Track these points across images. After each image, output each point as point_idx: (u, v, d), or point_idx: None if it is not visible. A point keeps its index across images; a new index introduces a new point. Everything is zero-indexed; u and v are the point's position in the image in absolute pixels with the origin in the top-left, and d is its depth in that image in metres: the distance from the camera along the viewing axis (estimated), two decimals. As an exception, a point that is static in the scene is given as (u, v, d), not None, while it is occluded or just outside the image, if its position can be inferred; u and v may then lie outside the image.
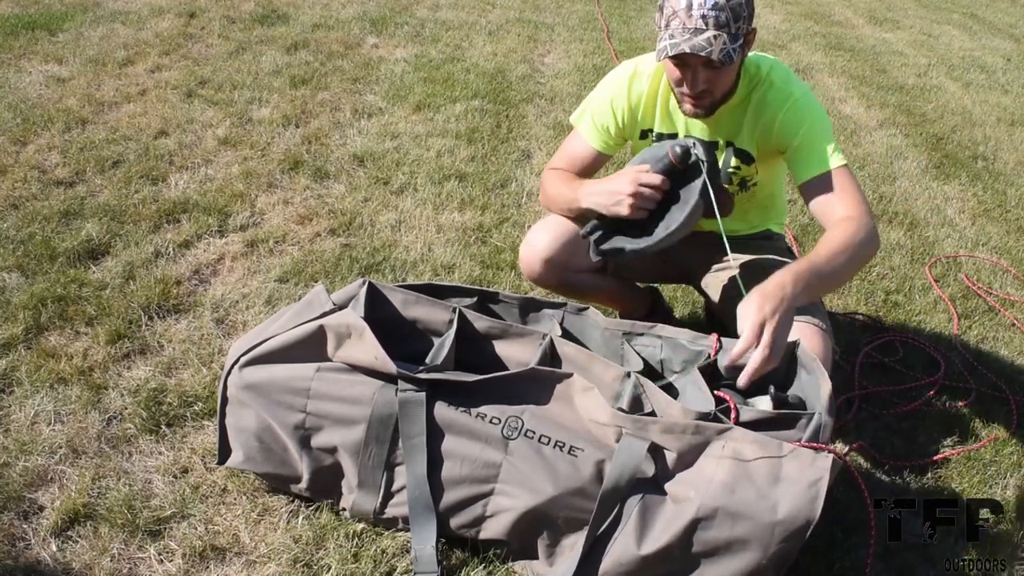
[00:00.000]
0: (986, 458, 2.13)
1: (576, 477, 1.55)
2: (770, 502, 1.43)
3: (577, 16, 6.13)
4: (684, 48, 1.68)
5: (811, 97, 1.89)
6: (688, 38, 1.68)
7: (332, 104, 3.98)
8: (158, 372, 2.12)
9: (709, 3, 1.67)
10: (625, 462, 1.51)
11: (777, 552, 1.45)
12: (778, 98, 1.86)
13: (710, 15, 1.67)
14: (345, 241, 2.82)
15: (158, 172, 3.15)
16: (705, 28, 1.68)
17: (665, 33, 1.73)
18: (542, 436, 1.58)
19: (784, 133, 1.87)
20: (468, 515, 1.63)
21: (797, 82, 1.90)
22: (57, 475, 1.81)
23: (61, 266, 2.51)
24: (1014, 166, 4.16)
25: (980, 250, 3.26)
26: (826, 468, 1.43)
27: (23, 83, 3.86)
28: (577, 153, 2.08)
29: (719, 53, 1.68)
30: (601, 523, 1.52)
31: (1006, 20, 7.93)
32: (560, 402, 1.62)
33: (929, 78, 5.57)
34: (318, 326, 1.69)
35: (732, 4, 1.69)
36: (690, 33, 1.68)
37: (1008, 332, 2.72)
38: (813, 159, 1.84)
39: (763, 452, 1.47)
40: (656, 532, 1.49)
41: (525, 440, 1.58)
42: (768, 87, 1.87)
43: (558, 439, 1.57)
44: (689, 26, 1.68)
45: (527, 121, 4.02)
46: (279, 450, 1.71)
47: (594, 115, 2.04)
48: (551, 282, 2.11)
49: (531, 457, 1.57)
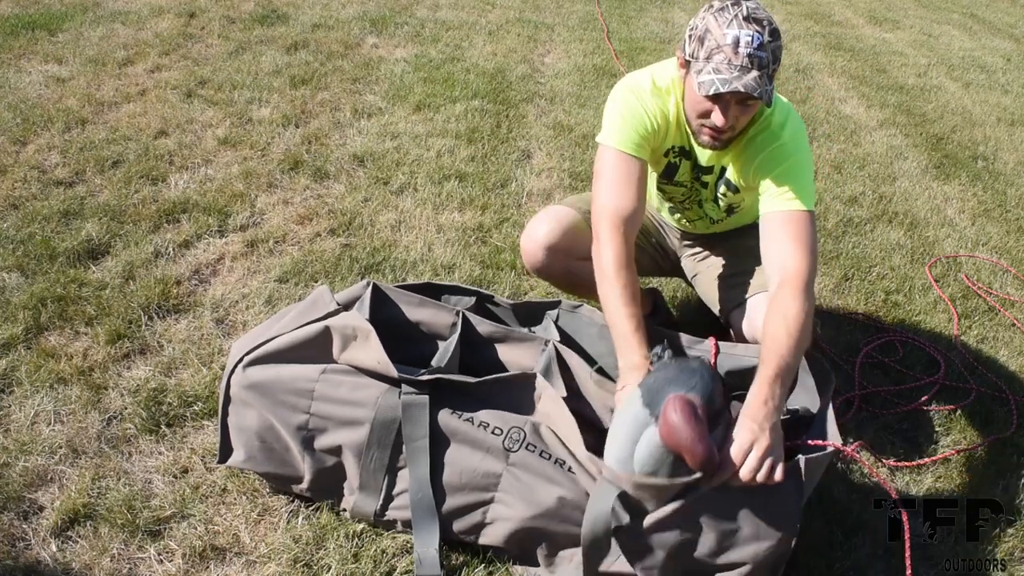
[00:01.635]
0: (986, 458, 2.13)
1: (574, 493, 1.56)
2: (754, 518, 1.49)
3: (577, 16, 6.13)
4: (738, 87, 1.64)
5: (800, 142, 1.86)
6: (737, 75, 1.64)
7: (332, 104, 3.98)
8: (158, 372, 2.12)
9: (756, 43, 1.65)
10: (598, 513, 1.50)
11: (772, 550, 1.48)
12: (768, 139, 1.85)
13: (756, 55, 1.65)
14: (345, 241, 2.82)
15: (158, 172, 3.15)
16: (751, 67, 1.65)
17: (707, 66, 1.68)
18: (543, 451, 1.58)
19: (760, 171, 1.85)
20: (468, 521, 1.63)
21: (791, 125, 1.87)
22: (57, 475, 1.81)
23: (61, 266, 2.51)
24: (1014, 166, 4.16)
25: (980, 250, 3.26)
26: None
27: (23, 83, 3.86)
28: (626, 173, 1.87)
29: (765, 95, 1.66)
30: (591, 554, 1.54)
31: (1006, 20, 7.92)
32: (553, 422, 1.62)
33: (929, 78, 5.57)
34: (324, 327, 1.69)
35: (774, 46, 1.68)
36: (738, 71, 1.65)
37: (1008, 332, 2.72)
38: (781, 195, 1.80)
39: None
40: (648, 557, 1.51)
41: (527, 453, 1.58)
42: (765, 127, 1.86)
43: (558, 456, 1.58)
44: (736, 63, 1.65)
45: (527, 121, 4.02)
46: (281, 450, 1.71)
47: (626, 118, 1.88)
48: (554, 271, 2.10)
49: (531, 470, 1.58)
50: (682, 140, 1.95)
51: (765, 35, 1.66)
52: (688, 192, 2.08)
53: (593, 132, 1.95)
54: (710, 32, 1.68)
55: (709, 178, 1.99)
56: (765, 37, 1.65)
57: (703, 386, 1.48)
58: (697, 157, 1.97)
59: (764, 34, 1.66)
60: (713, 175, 1.98)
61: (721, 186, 1.98)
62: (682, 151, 1.98)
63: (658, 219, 2.33)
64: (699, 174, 2.00)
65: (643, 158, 1.88)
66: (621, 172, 1.87)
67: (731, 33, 1.65)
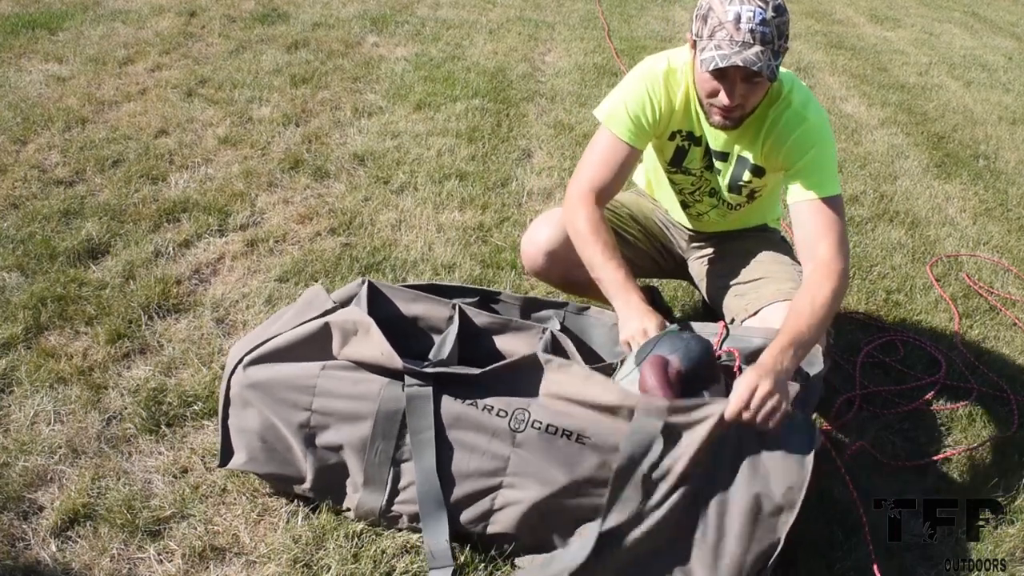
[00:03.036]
0: (987, 458, 2.12)
1: (587, 465, 1.55)
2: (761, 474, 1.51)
3: (578, 15, 6.12)
4: (736, 61, 1.65)
5: (825, 124, 1.88)
6: (738, 51, 1.65)
7: (332, 103, 3.98)
8: (158, 372, 2.12)
9: (758, 18, 1.65)
10: (639, 441, 1.51)
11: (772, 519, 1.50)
12: (793, 120, 1.85)
13: (758, 30, 1.65)
14: (345, 240, 2.82)
15: (158, 171, 3.15)
16: (753, 43, 1.66)
17: (710, 43, 1.70)
18: (549, 426, 1.57)
19: (791, 155, 1.86)
20: (477, 509, 1.63)
21: (814, 105, 1.89)
22: (57, 475, 1.81)
23: (61, 265, 2.50)
24: (1015, 165, 4.16)
25: (981, 249, 3.26)
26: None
27: (23, 82, 3.86)
28: (611, 156, 1.94)
29: (767, 69, 1.66)
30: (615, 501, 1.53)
31: (1007, 19, 7.92)
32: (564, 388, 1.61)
33: (930, 77, 5.56)
34: (323, 323, 1.69)
35: (778, 21, 1.68)
36: (739, 47, 1.66)
37: (1009, 332, 2.72)
38: (811, 184, 1.83)
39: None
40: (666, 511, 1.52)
41: (533, 431, 1.58)
42: (786, 107, 1.86)
43: (565, 427, 1.56)
44: (737, 39, 1.66)
45: (528, 120, 4.02)
46: (283, 450, 1.71)
47: (628, 104, 1.92)
48: (553, 276, 2.10)
49: (540, 448, 1.57)
50: (690, 125, 1.96)
51: (768, 10, 1.66)
52: (698, 181, 2.07)
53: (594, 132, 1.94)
54: (713, 10, 1.70)
55: (723, 165, 1.98)
56: (768, 12, 1.66)
57: (685, 352, 1.62)
58: (709, 143, 1.96)
59: (767, 9, 1.66)
60: (729, 163, 1.97)
61: (745, 173, 1.97)
62: (690, 136, 1.98)
63: (664, 221, 2.32)
64: (711, 160, 2.00)
65: (635, 146, 1.93)
66: (607, 154, 1.94)
67: (732, 9, 1.66)
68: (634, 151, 1.94)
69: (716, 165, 2.00)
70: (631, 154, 1.94)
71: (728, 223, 2.19)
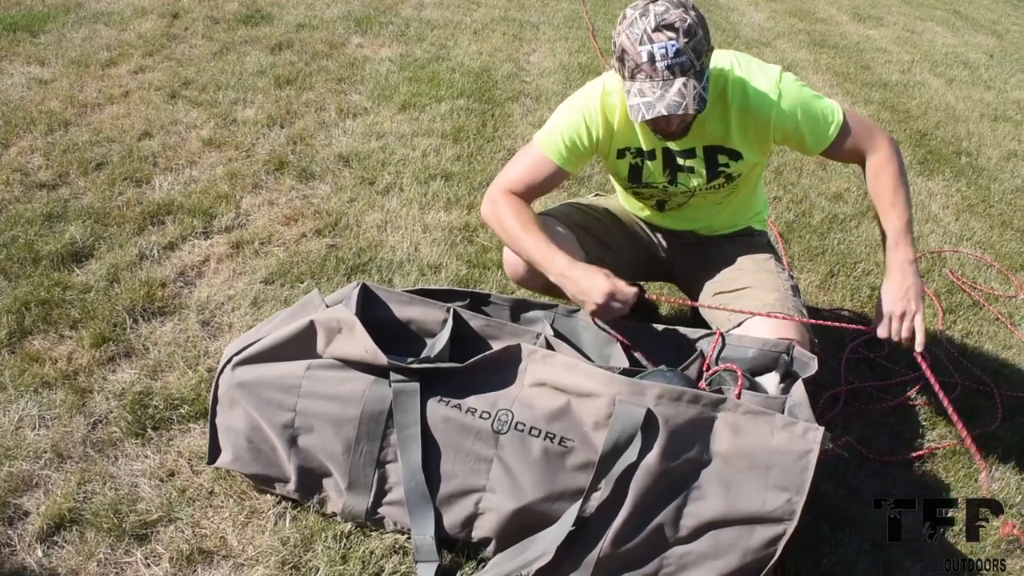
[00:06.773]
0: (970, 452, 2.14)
1: (568, 473, 1.55)
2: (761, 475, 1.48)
3: (562, 15, 6.13)
4: (660, 110, 1.65)
5: (786, 79, 1.90)
6: (660, 96, 1.65)
7: (317, 104, 3.97)
8: (143, 375, 2.11)
9: (671, 51, 1.64)
10: (623, 428, 1.51)
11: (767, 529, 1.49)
12: (762, 102, 1.86)
13: (675, 63, 1.65)
14: (331, 242, 2.81)
15: (142, 174, 3.13)
16: (673, 77, 1.65)
17: (632, 86, 1.69)
18: (532, 428, 1.57)
19: (781, 127, 1.89)
20: (462, 512, 1.63)
21: (761, 71, 1.89)
22: (42, 480, 1.79)
23: (44, 269, 2.49)
24: (997, 161, 4.19)
25: (964, 245, 3.28)
26: (816, 440, 1.48)
27: (4, 85, 3.83)
28: (539, 168, 1.97)
29: (695, 104, 1.65)
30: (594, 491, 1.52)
31: (988, 16, 7.98)
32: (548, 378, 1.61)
33: (913, 74, 5.60)
34: (308, 322, 1.69)
35: (692, 44, 1.66)
36: (660, 89, 1.65)
37: (992, 327, 2.74)
38: (819, 130, 1.88)
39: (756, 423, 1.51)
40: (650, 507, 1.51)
41: (515, 434, 1.57)
42: (741, 90, 1.86)
43: (548, 431, 1.56)
44: (657, 78, 1.65)
45: (513, 120, 4.02)
46: (268, 450, 1.71)
47: (563, 131, 1.95)
48: (537, 285, 2.10)
49: (521, 454, 1.57)
50: (636, 141, 1.96)
51: (680, 39, 1.64)
52: (662, 193, 2.07)
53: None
54: (627, 52, 1.69)
55: (694, 161, 1.97)
56: (680, 41, 1.64)
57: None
58: (669, 146, 1.95)
59: (678, 39, 1.64)
60: (697, 158, 1.96)
61: (719, 157, 1.96)
62: (640, 152, 1.97)
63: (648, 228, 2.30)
64: (676, 165, 1.98)
65: (563, 167, 1.96)
66: (530, 167, 1.97)
67: (644, 50, 1.65)
68: (560, 171, 1.96)
69: (685, 163, 1.98)
70: (557, 173, 1.96)
71: (711, 216, 2.16)
